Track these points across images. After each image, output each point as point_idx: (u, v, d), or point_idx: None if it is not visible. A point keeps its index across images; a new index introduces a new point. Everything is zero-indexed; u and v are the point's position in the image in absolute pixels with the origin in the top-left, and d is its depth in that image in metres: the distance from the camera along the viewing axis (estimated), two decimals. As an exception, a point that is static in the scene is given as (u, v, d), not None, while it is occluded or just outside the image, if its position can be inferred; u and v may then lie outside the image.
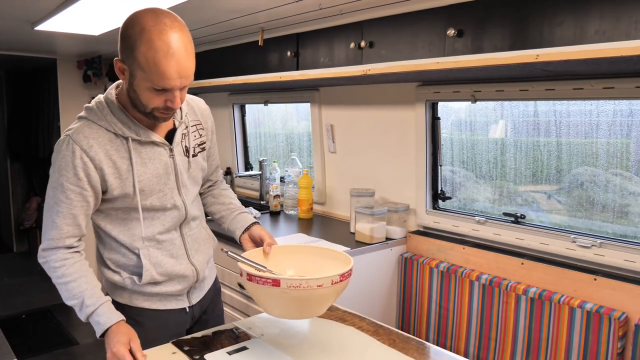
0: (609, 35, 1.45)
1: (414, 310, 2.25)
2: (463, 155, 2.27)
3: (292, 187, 2.87)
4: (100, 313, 1.29)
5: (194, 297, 1.52)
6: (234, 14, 2.31)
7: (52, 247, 1.31)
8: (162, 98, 1.22)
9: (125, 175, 1.30)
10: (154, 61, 1.15)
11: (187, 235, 1.46)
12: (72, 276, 1.31)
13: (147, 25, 1.15)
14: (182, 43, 1.17)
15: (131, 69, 1.19)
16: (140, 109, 1.26)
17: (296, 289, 1.14)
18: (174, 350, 1.33)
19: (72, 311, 1.37)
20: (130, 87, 1.23)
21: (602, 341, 1.65)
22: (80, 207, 1.29)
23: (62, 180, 1.26)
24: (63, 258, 1.31)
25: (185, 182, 1.42)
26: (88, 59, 3.86)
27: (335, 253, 1.40)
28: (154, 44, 1.14)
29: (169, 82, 1.18)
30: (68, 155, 1.25)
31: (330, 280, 1.18)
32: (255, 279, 1.17)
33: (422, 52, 1.98)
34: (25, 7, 2.23)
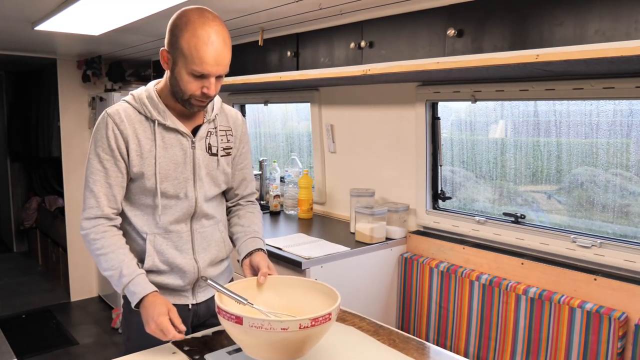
0: (609, 35, 1.44)
1: (414, 310, 2.25)
2: (463, 155, 2.27)
3: (292, 187, 2.87)
4: (136, 283, 1.34)
5: (200, 295, 1.52)
6: (234, 14, 2.30)
7: (92, 216, 1.38)
8: (199, 84, 1.32)
9: (146, 155, 1.39)
10: (195, 47, 1.27)
11: (197, 231, 1.49)
12: (111, 247, 1.37)
13: (192, 18, 1.29)
14: (222, 35, 1.30)
15: (174, 56, 1.31)
16: (179, 95, 1.36)
17: (258, 330, 1.05)
18: (174, 350, 1.33)
19: (72, 311, 1.37)
20: (171, 75, 1.35)
21: (602, 341, 1.65)
22: (115, 177, 1.38)
23: (98, 151, 1.38)
24: (103, 231, 1.38)
25: (202, 177, 1.46)
26: (88, 59, 3.86)
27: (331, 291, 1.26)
28: (197, 32, 1.27)
29: (206, 67, 1.29)
30: (102, 127, 1.38)
31: (297, 324, 1.05)
32: (222, 313, 1.11)
33: (422, 52, 1.98)
34: (25, 7, 2.23)
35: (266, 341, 1.08)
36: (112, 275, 1.36)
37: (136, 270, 1.36)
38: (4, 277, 4.73)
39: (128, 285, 1.34)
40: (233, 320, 1.08)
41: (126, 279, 1.34)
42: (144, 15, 2.23)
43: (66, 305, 4.07)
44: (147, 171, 1.39)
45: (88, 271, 4.18)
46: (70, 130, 4.01)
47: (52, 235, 4.77)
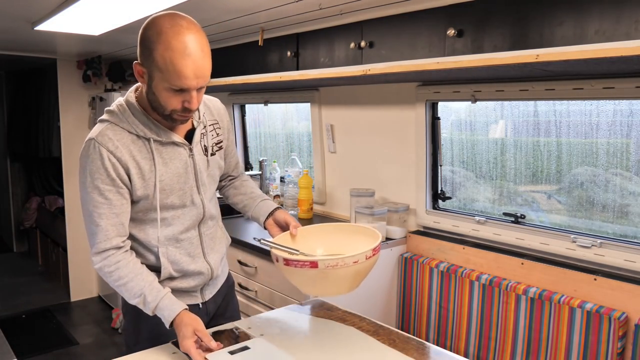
0: (609, 35, 1.44)
1: (414, 310, 2.25)
2: (463, 155, 2.27)
3: (292, 187, 2.87)
4: (162, 307, 1.31)
5: (207, 293, 1.54)
6: (234, 14, 2.30)
7: (102, 249, 1.32)
8: (179, 99, 1.25)
9: (147, 175, 1.33)
10: (171, 61, 1.18)
11: (205, 234, 1.49)
12: (129, 277, 1.32)
13: (164, 27, 1.19)
14: (198, 44, 1.20)
15: (150, 71, 1.23)
16: (159, 111, 1.29)
17: (334, 268, 1.18)
18: (174, 350, 1.33)
19: (72, 311, 1.38)
20: (149, 90, 1.27)
21: (602, 341, 1.65)
22: (121, 206, 1.32)
23: (97, 183, 1.29)
24: (115, 261, 1.32)
25: (204, 181, 1.45)
26: (88, 59, 3.85)
27: (357, 227, 1.45)
28: (171, 44, 1.18)
29: (185, 81, 1.20)
30: (97, 158, 1.29)
31: (364, 255, 1.23)
32: (293, 263, 1.21)
33: (422, 52, 1.98)
34: (25, 7, 2.23)
35: (340, 277, 1.22)
36: (138, 303, 1.33)
37: (159, 292, 1.33)
38: (4, 277, 4.73)
39: (156, 310, 1.31)
40: (308, 266, 1.19)
41: (152, 304, 1.31)
42: (144, 15, 2.23)
43: (66, 305, 4.07)
44: (151, 191, 1.35)
45: (88, 271, 4.18)
46: (70, 130, 4.01)
47: (52, 235, 4.77)
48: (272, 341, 1.37)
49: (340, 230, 1.48)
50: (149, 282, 1.33)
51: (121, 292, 1.35)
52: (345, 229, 1.48)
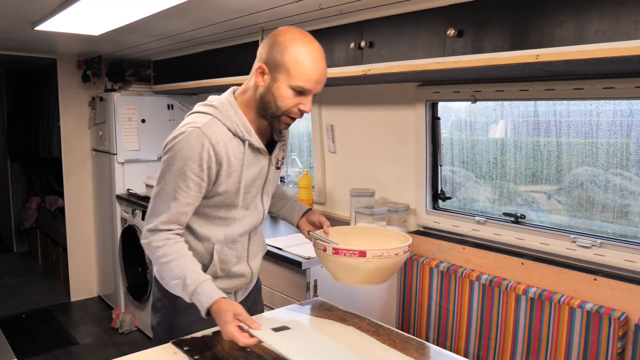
0: (609, 35, 1.44)
1: (414, 310, 2.25)
2: (463, 155, 2.27)
3: (292, 187, 2.87)
4: (201, 292, 1.30)
5: (240, 295, 1.59)
6: (234, 14, 2.30)
7: (158, 229, 1.35)
8: (296, 101, 1.33)
9: (233, 174, 1.39)
10: (302, 63, 1.29)
11: (253, 239, 1.55)
12: (173, 255, 1.34)
13: (297, 36, 1.33)
14: (323, 54, 1.35)
15: (275, 72, 1.32)
16: (271, 111, 1.35)
17: (379, 258, 1.35)
18: (175, 350, 1.33)
19: (72, 311, 1.37)
20: (267, 91, 1.34)
21: (602, 341, 1.65)
22: (194, 198, 1.36)
23: (185, 169, 1.32)
24: (165, 238, 1.35)
25: (268, 191, 1.53)
26: (88, 59, 3.85)
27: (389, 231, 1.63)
28: (302, 49, 1.31)
29: (309, 83, 1.31)
30: (197, 146, 1.32)
31: (403, 249, 1.41)
32: (342, 252, 1.36)
33: (422, 52, 1.98)
34: (25, 7, 2.23)
35: (381, 267, 1.38)
36: (177, 284, 1.33)
37: (200, 277, 1.33)
38: (4, 277, 4.73)
39: (194, 294, 1.31)
40: (356, 255, 1.35)
41: (191, 287, 1.30)
42: (144, 15, 2.23)
43: (66, 305, 4.07)
44: (231, 189, 1.39)
45: (88, 271, 4.18)
46: (70, 130, 4.01)
47: (52, 235, 4.76)
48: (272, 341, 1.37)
49: (366, 232, 1.64)
50: (192, 267, 1.35)
51: (162, 271, 1.36)
52: (369, 231, 1.64)
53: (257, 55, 1.38)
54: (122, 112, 3.61)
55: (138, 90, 3.75)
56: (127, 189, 3.68)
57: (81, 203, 4.09)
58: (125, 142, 3.63)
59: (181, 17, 2.30)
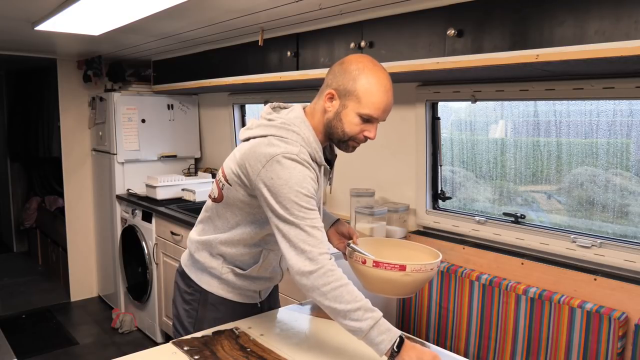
0: (609, 35, 1.44)
1: (414, 310, 2.25)
2: (463, 155, 2.27)
3: (292, 187, 2.87)
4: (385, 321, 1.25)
5: (264, 293, 1.63)
6: (234, 14, 2.30)
7: (325, 251, 1.29)
8: (362, 127, 1.38)
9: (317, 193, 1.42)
10: (371, 92, 1.33)
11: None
12: (347, 280, 1.28)
13: (368, 65, 1.36)
14: (391, 87, 1.38)
15: (345, 98, 1.36)
16: (338, 136, 1.40)
17: (417, 272, 1.38)
18: (174, 350, 1.33)
19: (72, 311, 1.37)
20: (336, 116, 1.38)
21: (602, 341, 1.65)
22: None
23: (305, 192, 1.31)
24: (333, 262, 1.29)
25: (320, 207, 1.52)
26: (88, 59, 3.85)
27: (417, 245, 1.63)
28: (375, 79, 1.34)
29: (376, 112, 1.35)
30: (303, 170, 1.33)
31: (437, 264, 1.45)
32: (383, 265, 1.38)
33: (422, 52, 1.98)
34: (25, 7, 2.23)
35: (417, 280, 1.41)
36: (359, 307, 1.22)
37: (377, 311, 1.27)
38: (4, 277, 4.73)
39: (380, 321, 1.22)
40: (397, 269, 1.37)
41: (376, 313, 1.23)
42: (144, 15, 2.23)
43: (66, 305, 4.07)
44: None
45: (88, 271, 4.18)
46: (70, 130, 4.01)
47: (52, 235, 4.76)
48: (272, 341, 1.37)
49: (391, 244, 1.66)
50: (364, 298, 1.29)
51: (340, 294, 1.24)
52: (394, 243, 1.67)
53: (325, 80, 1.41)
54: (122, 112, 3.61)
55: (138, 90, 3.75)
56: (127, 189, 3.68)
57: (81, 203, 4.09)
58: (125, 142, 3.63)
59: (181, 17, 2.30)
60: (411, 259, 1.54)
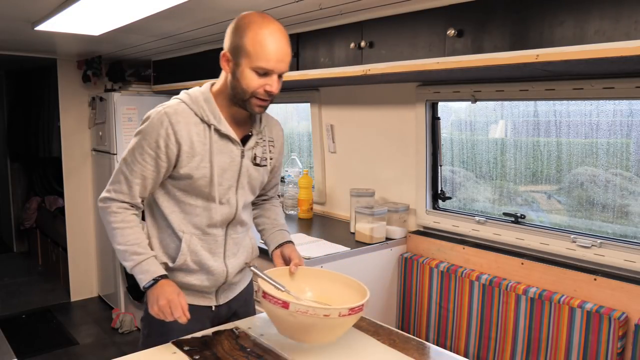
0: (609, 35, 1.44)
1: (414, 310, 2.25)
2: (463, 155, 2.27)
3: (292, 187, 2.87)
4: (151, 262, 1.38)
5: (222, 297, 1.56)
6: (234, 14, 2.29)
7: (117, 198, 1.41)
8: (261, 82, 1.34)
9: (197, 157, 1.40)
10: (260, 44, 1.31)
11: (230, 237, 1.52)
12: (130, 224, 1.40)
13: (254, 19, 1.34)
14: (283, 34, 1.35)
15: (237, 57, 1.34)
16: (240, 96, 1.37)
17: (302, 315, 1.18)
18: (174, 350, 1.33)
19: (72, 311, 1.38)
20: (233, 77, 1.36)
21: (602, 341, 1.65)
22: (151, 172, 1.39)
23: (143, 143, 1.38)
24: (125, 207, 1.41)
25: (244, 185, 1.50)
26: (88, 59, 3.85)
27: (357, 284, 1.41)
28: (261, 30, 1.32)
29: (270, 63, 1.31)
30: (157, 123, 1.37)
31: (338, 312, 1.21)
32: (268, 297, 1.23)
33: (422, 52, 1.98)
34: (25, 7, 2.23)
35: (306, 324, 1.21)
36: (126, 250, 1.38)
37: (151, 252, 1.40)
38: (4, 277, 4.73)
39: (142, 263, 1.37)
40: (280, 305, 1.20)
41: (141, 257, 1.37)
42: (144, 15, 2.23)
43: (66, 305, 4.07)
44: (196, 173, 1.40)
45: (88, 271, 4.17)
46: (70, 130, 4.01)
47: (52, 235, 4.76)
48: (272, 341, 1.37)
49: (338, 281, 1.45)
50: (145, 239, 1.41)
51: (114, 236, 1.40)
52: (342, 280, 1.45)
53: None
54: (122, 112, 3.61)
55: (138, 90, 3.75)
56: (127, 189, 3.67)
57: (81, 203, 4.09)
58: (125, 142, 3.63)
59: (181, 17, 2.30)
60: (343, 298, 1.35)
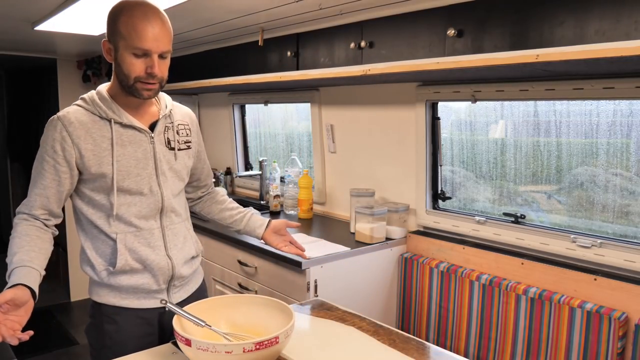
0: (609, 35, 1.44)
1: (414, 310, 2.25)
2: (463, 155, 2.27)
3: (292, 187, 2.87)
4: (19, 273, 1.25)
5: (175, 296, 1.51)
6: (234, 14, 2.31)
7: (19, 211, 1.39)
8: (142, 65, 1.32)
9: (103, 153, 1.37)
10: (133, 25, 1.29)
11: (167, 228, 1.49)
12: (20, 234, 1.33)
13: (127, 3, 1.33)
14: (157, 13, 1.33)
15: (115, 42, 1.33)
16: (124, 83, 1.35)
17: (204, 352, 1.09)
18: (174, 350, 1.33)
19: (72, 311, 1.37)
20: (115, 64, 1.36)
21: (602, 341, 1.65)
22: (52, 181, 1.36)
23: (42, 152, 1.37)
24: (24, 218, 1.37)
25: (165, 172, 1.47)
26: (88, 59, 3.86)
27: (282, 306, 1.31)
28: (132, 12, 1.30)
29: (145, 43, 1.29)
30: (51, 129, 1.36)
31: (241, 347, 1.09)
32: (176, 334, 1.16)
33: (422, 52, 1.98)
34: (25, 7, 2.23)
35: None
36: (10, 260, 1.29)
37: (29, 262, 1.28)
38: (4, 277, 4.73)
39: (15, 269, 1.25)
40: (183, 342, 1.13)
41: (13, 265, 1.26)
42: (144, 15, 2.23)
43: (66, 305, 4.07)
44: (106, 170, 1.37)
45: (88, 271, 4.18)
46: (70, 130, 4.01)
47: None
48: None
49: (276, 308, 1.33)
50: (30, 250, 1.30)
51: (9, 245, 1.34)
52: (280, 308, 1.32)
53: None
54: (122, 112, 3.60)
55: (138, 90, 3.75)
56: (127, 189, 3.67)
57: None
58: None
59: (181, 17, 2.30)
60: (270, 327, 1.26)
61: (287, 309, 1.29)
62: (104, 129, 1.38)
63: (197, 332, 1.22)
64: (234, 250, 2.40)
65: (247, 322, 1.34)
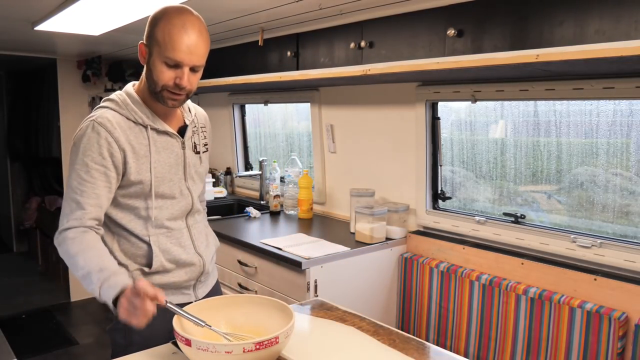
0: (609, 35, 1.44)
1: (414, 310, 2.25)
2: (463, 155, 2.27)
3: (292, 187, 2.87)
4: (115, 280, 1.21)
5: (200, 291, 1.56)
6: (234, 14, 2.31)
7: (71, 226, 1.29)
8: (172, 74, 1.31)
9: (142, 160, 1.37)
10: (169, 34, 1.27)
11: (193, 227, 1.52)
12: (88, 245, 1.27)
13: (170, 10, 1.31)
14: (197, 25, 1.30)
15: (150, 47, 1.32)
16: (152, 88, 1.34)
17: (204, 352, 1.09)
18: (174, 350, 1.33)
19: (72, 311, 1.36)
20: (147, 67, 1.35)
21: (602, 341, 1.65)
22: (104, 187, 1.33)
23: (86, 160, 1.31)
24: (82, 231, 1.29)
25: (192, 175, 1.50)
26: (88, 59, 3.86)
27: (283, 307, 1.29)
28: (172, 20, 1.28)
29: (178, 54, 1.28)
30: (93, 136, 1.32)
31: (241, 347, 1.08)
32: (175, 333, 1.15)
33: (422, 52, 1.98)
34: (25, 7, 2.23)
35: None
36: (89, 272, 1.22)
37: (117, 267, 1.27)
38: (4, 277, 4.73)
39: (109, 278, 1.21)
40: (183, 342, 1.12)
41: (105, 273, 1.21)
42: (144, 15, 2.23)
43: (66, 305, 4.07)
44: (144, 177, 1.38)
45: (88, 271, 4.18)
46: (70, 130, 4.01)
47: (52, 235, 4.75)
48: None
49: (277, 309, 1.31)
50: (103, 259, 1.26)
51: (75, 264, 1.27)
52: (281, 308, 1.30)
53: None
54: (122, 112, 3.61)
55: (138, 90, 3.75)
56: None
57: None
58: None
59: (181, 17, 2.30)
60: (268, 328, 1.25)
61: (287, 309, 1.30)
62: (140, 136, 1.37)
63: (197, 332, 1.23)
64: (234, 250, 2.40)
65: (247, 322, 1.34)
